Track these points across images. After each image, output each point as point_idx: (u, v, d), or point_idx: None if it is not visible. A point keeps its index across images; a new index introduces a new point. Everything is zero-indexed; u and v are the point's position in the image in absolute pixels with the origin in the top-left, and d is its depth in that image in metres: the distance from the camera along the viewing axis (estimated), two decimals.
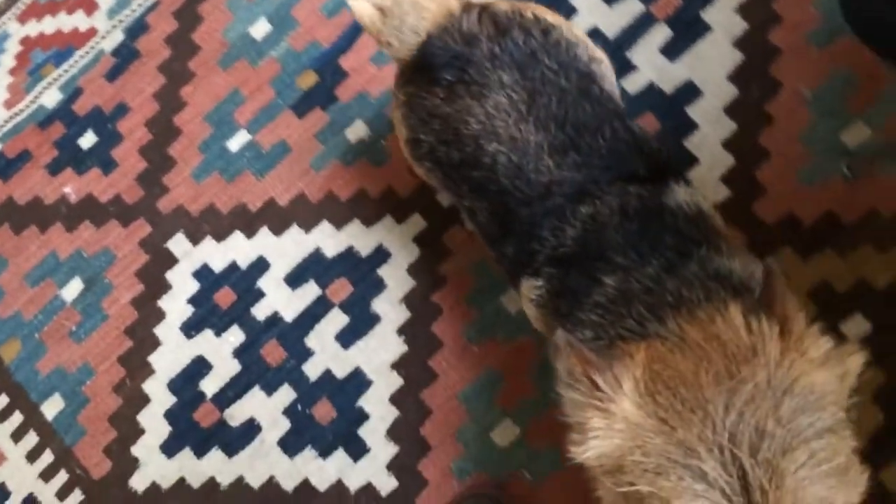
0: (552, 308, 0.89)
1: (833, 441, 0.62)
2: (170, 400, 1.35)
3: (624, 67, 1.27)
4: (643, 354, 0.68)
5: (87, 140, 1.48)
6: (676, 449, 0.62)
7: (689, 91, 1.25)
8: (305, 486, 1.29)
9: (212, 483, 1.31)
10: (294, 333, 1.33)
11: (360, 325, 1.32)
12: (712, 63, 1.25)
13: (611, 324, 0.80)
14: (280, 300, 1.35)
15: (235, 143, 1.41)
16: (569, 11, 1.31)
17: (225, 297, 1.37)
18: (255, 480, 1.30)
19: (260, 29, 1.44)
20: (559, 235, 0.89)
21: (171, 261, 1.40)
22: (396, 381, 1.29)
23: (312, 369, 1.32)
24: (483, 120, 0.92)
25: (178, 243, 1.40)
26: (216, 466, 1.32)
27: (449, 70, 0.95)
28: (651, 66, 1.27)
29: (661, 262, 0.82)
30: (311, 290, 1.34)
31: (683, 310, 0.73)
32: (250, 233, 1.38)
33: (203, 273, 1.38)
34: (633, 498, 0.65)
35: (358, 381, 1.30)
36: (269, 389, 1.32)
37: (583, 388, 0.68)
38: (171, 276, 1.39)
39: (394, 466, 1.27)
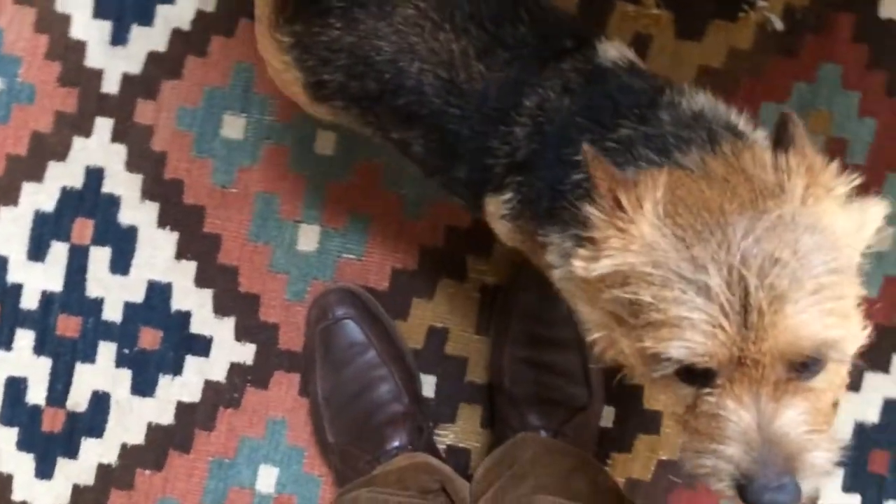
0: (529, 215, 0.83)
1: (842, 283, 0.62)
2: (12, 433, 1.27)
3: None
4: (666, 178, 0.66)
5: None
6: (687, 264, 0.62)
7: None
8: (181, 408, 1.26)
9: (103, 467, 1.26)
10: (73, 296, 1.26)
11: (122, 245, 1.26)
12: None
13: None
14: (39, 278, 1.27)
15: None
16: None
17: None
18: (137, 437, 1.26)
19: None
20: (511, 140, 0.82)
21: None
22: (188, 266, 1.26)
23: (112, 313, 1.26)
24: (395, 40, 0.83)
25: None
26: (96, 451, 1.27)
27: None
28: None
29: (633, 120, 0.77)
30: (58, 250, 1.26)
31: (695, 147, 0.71)
32: None
33: None
34: (626, 311, 0.65)
35: (158, 291, 1.26)
36: (89, 357, 1.26)
37: (605, 204, 0.66)
38: None
39: (241, 335, 1.25)
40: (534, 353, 1.16)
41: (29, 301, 1.27)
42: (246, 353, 1.26)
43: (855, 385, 1.20)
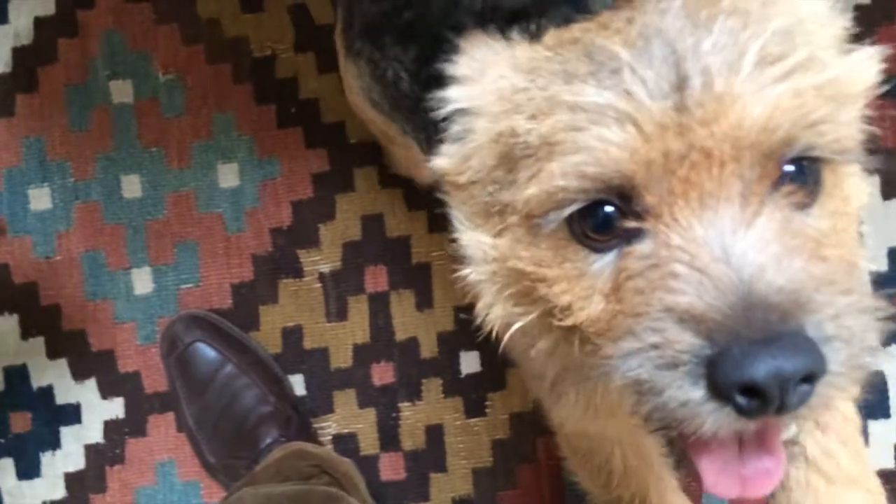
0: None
1: (824, 56, 0.45)
2: None
3: None
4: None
5: None
6: (581, 63, 0.44)
7: None
8: (69, 479, 1.27)
9: None
10: None
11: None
12: None
13: None
14: None
15: None
16: None
17: None
18: None
19: None
20: None
21: None
22: (37, 342, 1.28)
23: None
24: None
25: None
26: None
27: None
28: None
29: None
30: None
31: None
32: None
33: None
34: (503, 183, 0.49)
35: (15, 375, 1.27)
36: None
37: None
38: None
39: (106, 392, 1.27)
40: None
41: None
42: (116, 407, 1.27)
43: None
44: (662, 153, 0.40)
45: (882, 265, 1.26)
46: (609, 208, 0.43)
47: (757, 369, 0.37)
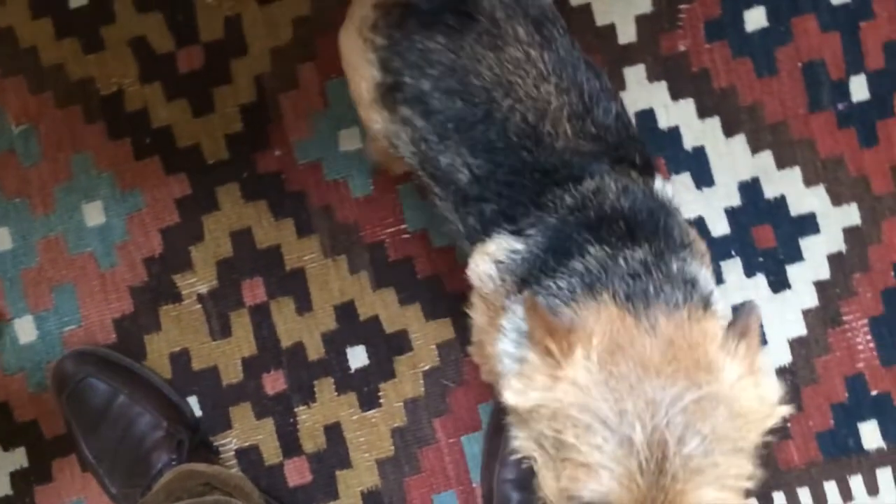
0: (519, 275, 0.87)
1: (744, 465, 0.67)
2: None
3: None
4: (606, 325, 0.71)
5: None
6: (614, 415, 0.65)
7: None
8: None
9: None
10: None
11: None
12: None
13: (582, 293, 0.78)
14: None
15: None
16: None
17: None
18: None
19: None
20: (556, 203, 0.86)
21: None
22: None
23: None
24: (498, 72, 0.88)
25: None
26: None
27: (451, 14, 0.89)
28: None
29: (652, 249, 0.81)
30: None
31: (662, 303, 0.74)
32: None
33: None
34: (549, 444, 0.69)
35: None
36: None
37: (537, 350, 0.70)
38: None
39: (6, 444, 1.28)
40: (520, 474, 1.20)
41: None
42: (18, 458, 1.28)
43: None
44: None
45: (735, 200, 1.30)
46: None
47: None
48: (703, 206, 1.29)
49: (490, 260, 0.91)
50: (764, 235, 1.30)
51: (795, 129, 1.30)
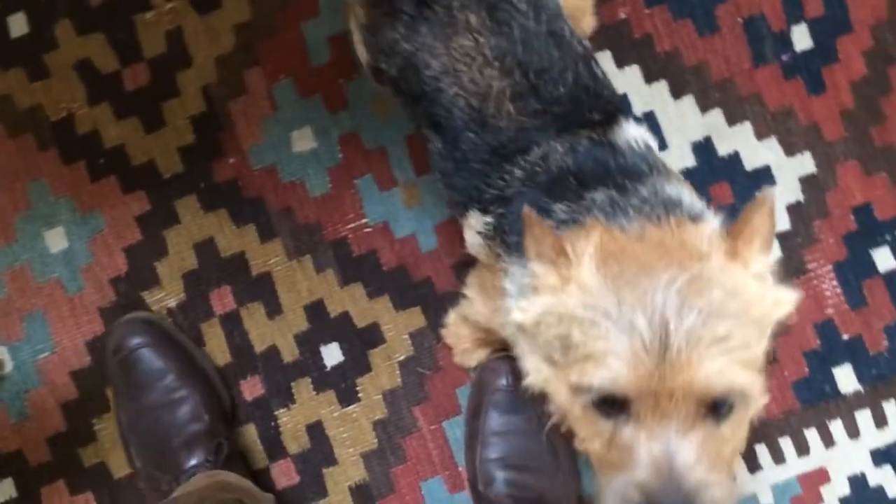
0: (500, 241, 0.93)
1: (751, 336, 0.69)
2: None
3: None
4: (598, 235, 0.74)
5: None
6: (615, 306, 0.69)
7: None
8: None
9: None
10: None
11: None
12: None
13: (566, 227, 0.82)
14: None
15: None
16: None
17: None
18: None
19: None
20: (506, 177, 0.91)
21: None
22: None
23: None
24: (445, 62, 0.92)
25: None
26: None
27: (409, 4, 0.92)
28: None
29: (611, 187, 0.84)
30: None
31: (643, 217, 0.79)
32: None
33: None
34: (558, 352, 0.72)
35: None
36: None
37: (547, 255, 0.72)
38: None
39: None
40: (503, 452, 1.20)
41: None
42: (6, 489, 1.28)
43: None
44: (647, 387, 0.66)
45: (689, 161, 1.31)
46: (614, 403, 0.70)
47: None
48: None
49: (473, 231, 0.99)
50: (722, 192, 1.31)
51: (742, 85, 1.31)
